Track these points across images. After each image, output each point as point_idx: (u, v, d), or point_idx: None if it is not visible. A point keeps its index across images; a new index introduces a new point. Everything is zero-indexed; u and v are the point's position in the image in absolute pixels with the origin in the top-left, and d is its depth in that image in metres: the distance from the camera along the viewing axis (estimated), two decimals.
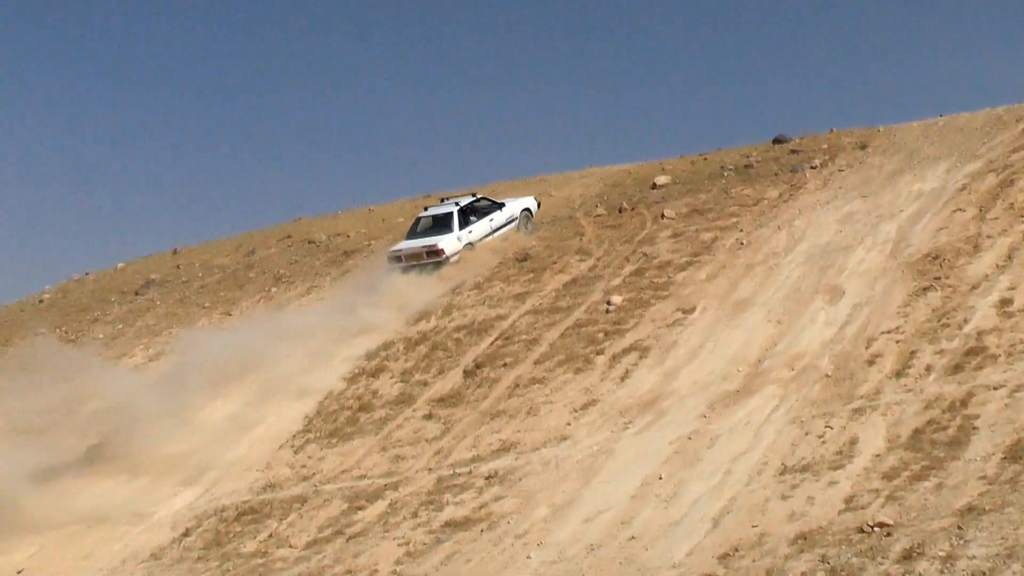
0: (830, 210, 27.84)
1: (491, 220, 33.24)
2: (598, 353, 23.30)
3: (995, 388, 17.13)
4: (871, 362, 19.42)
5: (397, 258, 32.24)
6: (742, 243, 27.22)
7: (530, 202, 35.18)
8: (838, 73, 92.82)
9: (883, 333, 20.30)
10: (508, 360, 24.22)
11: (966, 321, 19.71)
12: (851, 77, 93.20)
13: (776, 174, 32.82)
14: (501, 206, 33.89)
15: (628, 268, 27.74)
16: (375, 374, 25.74)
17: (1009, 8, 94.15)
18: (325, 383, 25.99)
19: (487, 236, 32.86)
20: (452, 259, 31.60)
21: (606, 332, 24.18)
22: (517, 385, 22.91)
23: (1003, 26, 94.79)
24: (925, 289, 21.46)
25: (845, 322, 21.37)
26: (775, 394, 19.37)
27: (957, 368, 18.29)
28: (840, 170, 31.38)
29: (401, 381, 25.02)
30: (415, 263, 31.67)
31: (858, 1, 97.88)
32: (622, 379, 21.94)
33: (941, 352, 18.99)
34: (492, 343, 25.47)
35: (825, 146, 34.72)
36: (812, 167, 32.30)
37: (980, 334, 19.10)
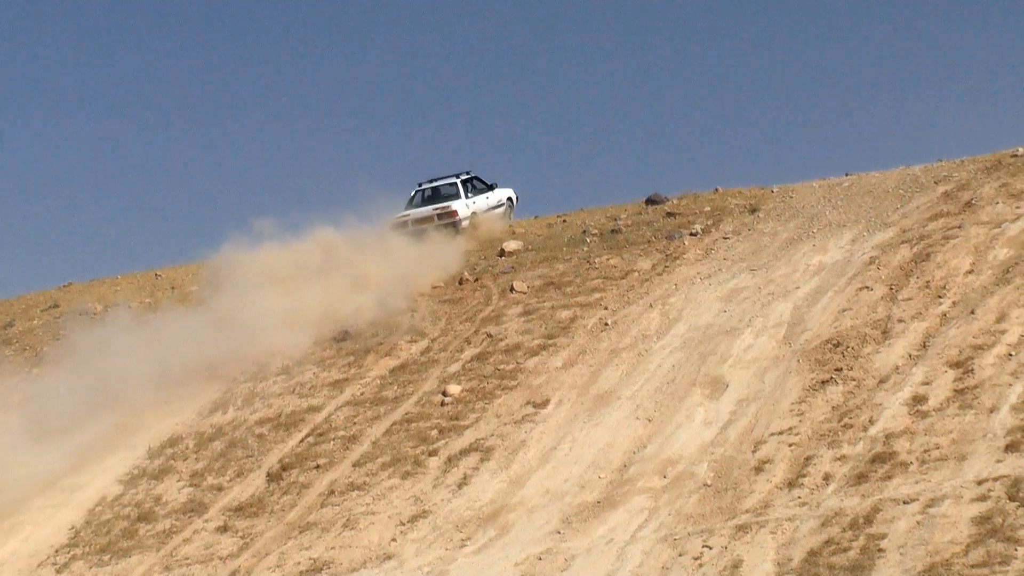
0: (713, 285, 28.19)
1: (487, 197, 39.48)
2: (431, 454, 23.27)
3: (905, 502, 17.47)
4: (759, 469, 19.68)
5: (403, 224, 37.15)
6: (606, 324, 27.46)
7: (512, 192, 41.10)
8: (726, 123, 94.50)
9: (773, 435, 20.60)
10: (321, 461, 24.08)
11: (872, 422, 20.09)
12: (742, 127, 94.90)
13: (649, 241, 33.15)
14: (493, 187, 40.02)
15: (469, 352, 27.80)
16: (159, 476, 25.41)
17: (930, 52, 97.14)
18: (96, 486, 25.56)
19: (486, 212, 38.95)
20: (463, 224, 37.53)
21: (441, 429, 24.16)
22: (332, 492, 22.77)
23: (923, 73, 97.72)
24: (824, 382, 21.84)
25: (728, 421, 21.64)
26: (643, 507, 19.52)
27: (861, 478, 18.61)
28: (725, 237, 31.79)
29: (190, 485, 24.72)
30: (423, 227, 36.97)
31: (750, 38, 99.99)
32: (459, 486, 21.93)
33: (842, 458, 19.32)
34: (302, 440, 25.31)
35: (708, 209, 35.15)
36: (692, 234, 32.72)
37: (889, 437, 19.48)
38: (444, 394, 25.56)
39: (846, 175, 35.60)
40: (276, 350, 30.41)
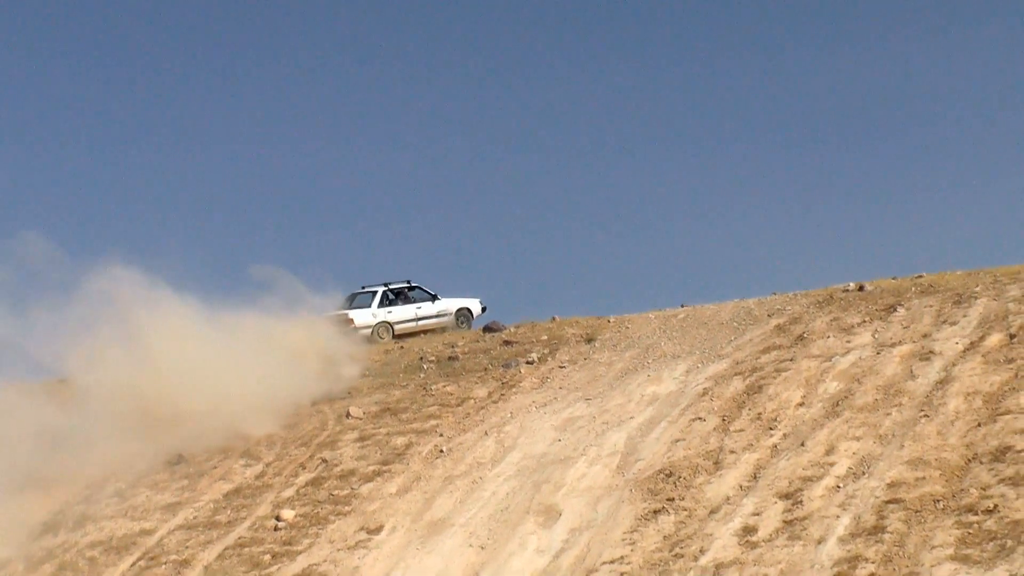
0: (548, 414, 28.40)
1: (418, 308, 42.43)
2: None
3: None
4: None
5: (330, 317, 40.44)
6: (441, 451, 27.53)
7: (471, 303, 43.86)
8: (564, 253, 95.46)
9: (605, 563, 20.77)
10: None
11: (703, 551, 20.35)
12: (580, 257, 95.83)
13: (485, 369, 33.39)
14: (433, 298, 42.88)
15: (303, 477, 27.70)
16: None
17: (766, 187, 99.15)
18: None
19: (409, 322, 41.98)
20: (363, 332, 40.73)
21: (274, 554, 24.02)
22: None
23: (759, 207, 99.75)
24: (656, 512, 22.09)
25: (561, 549, 21.77)
26: None
27: None
28: (562, 366, 32.11)
29: None
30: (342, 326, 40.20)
31: (588, 164, 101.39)
32: None
33: None
34: (133, 564, 25.01)
35: (545, 337, 35.51)
36: (528, 362, 33.00)
37: (719, 567, 19.74)
38: (278, 519, 25.43)
39: (682, 306, 36.20)
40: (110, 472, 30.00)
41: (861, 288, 32.65)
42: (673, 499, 22.39)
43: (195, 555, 24.67)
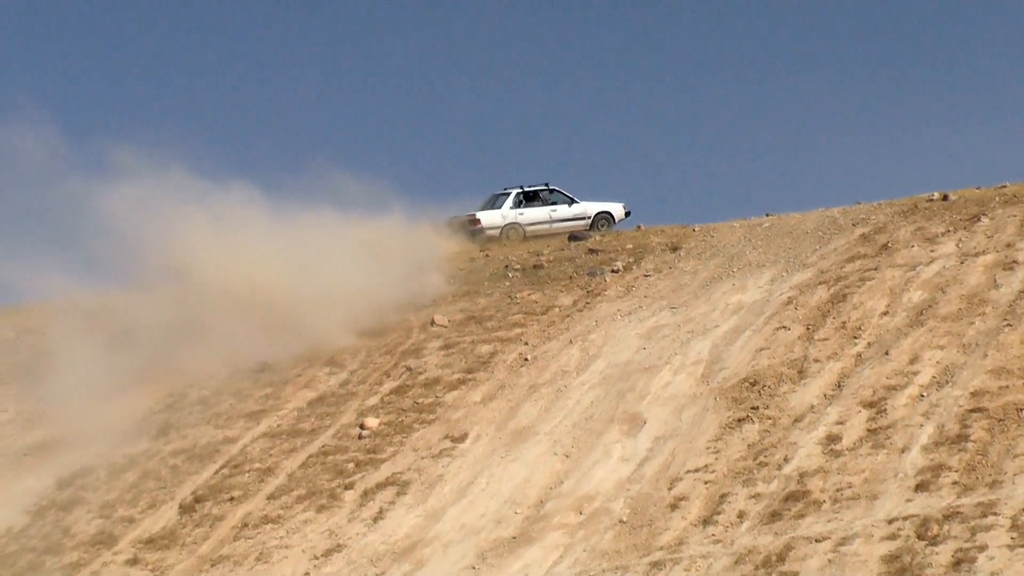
0: (633, 323, 28.39)
1: (553, 210, 42.83)
2: (347, 488, 23.31)
3: (818, 540, 17.72)
4: (674, 507, 19.88)
5: (451, 222, 41.89)
6: (526, 359, 27.58)
7: (613, 207, 43.85)
8: (649, 161, 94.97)
9: (689, 472, 20.81)
10: (236, 494, 24.05)
11: (787, 460, 20.36)
12: (665, 166, 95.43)
13: (571, 277, 33.31)
14: (572, 201, 43.17)
15: (388, 385, 27.84)
16: (67, 507, 25.24)
17: (850, 97, 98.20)
18: (1, 517, 25.35)
19: (542, 224, 42.38)
20: (489, 232, 41.51)
21: (358, 462, 24.21)
22: (246, 525, 22.76)
23: (843, 117, 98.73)
24: (740, 421, 22.10)
25: (645, 458, 21.84)
26: (559, 543, 19.66)
27: (775, 516, 18.87)
28: (647, 275, 32.01)
29: (100, 516, 24.58)
30: (461, 230, 41.54)
31: (672, 80, 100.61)
32: (375, 520, 21.99)
33: (757, 496, 19.57)
34: (217, 472, 25.25)
35: (630, 246, 35.36)
36: (613, 271, 32.92)
37: (802, 476, 19.75)
38: (362, 427, 25.59)
39: (766, 216, 35.95)
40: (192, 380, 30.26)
41: (945, 198, 32.29)
42: (757, 408, 22.39)
43: (278, 463, 24.89)
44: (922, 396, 21.21)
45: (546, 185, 43.63)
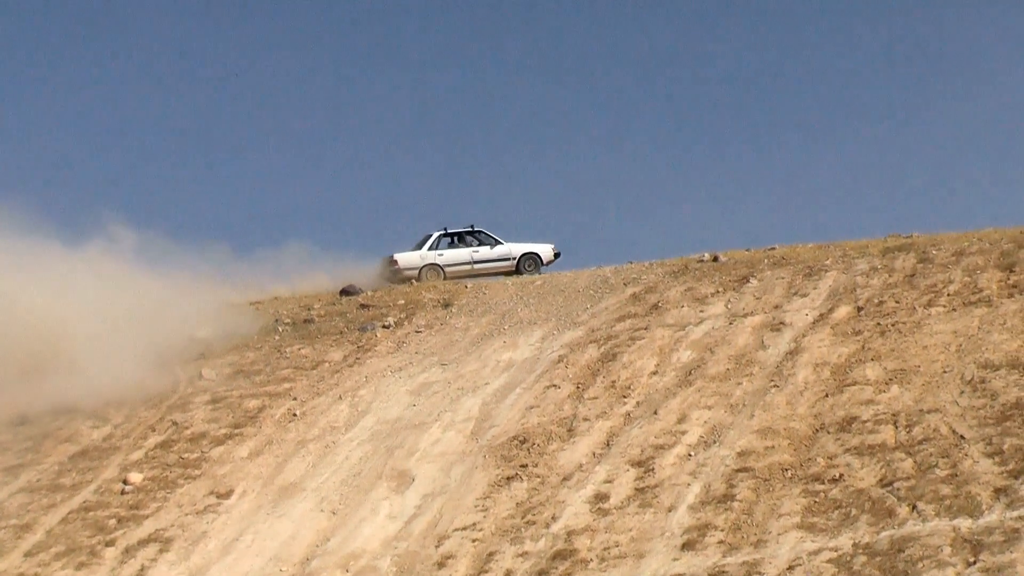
0: (403, 379, 28.40)
1: (474, 251, 42.61)
2: (108, 544, 22.87)
3: None
4: (441, 564, 19.88)
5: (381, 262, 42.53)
6: (295, 414, 27.41)
7: (541, 248, 43.35)
8: (421, 215, 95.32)
9: (457, 530, 20.82)
10: None
11: (555, 518, 20.48)
12: (437, 220, 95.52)
13: (341, 332, 33.23)
14: (496, 243, 42.96)
15: (153, 439, 27.41)
16: None
17: (622, 160, 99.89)
18: None
19: (463, 265, 42.23)
20: (407, 272, 41.19)
21: (120, 518, 23.77)
22: None
23: (613, 178, 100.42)
24: (509, 479, 22.19)
25: (413, 515, 21.81)
26: None
27: (542, 574, 18.99)
28: (418, 331, 32.08)
29: None
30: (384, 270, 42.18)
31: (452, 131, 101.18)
32: None
33: (524, 555, 19.65)
34: None
35: (402, 302, 35.47)
36: (385, 326, 32.93)
37: (570, 534, 19.88)
38: (125, 482, 25.16)
39: (539, 273, 36.36)
40: None
41: (715, 259, 33.02)
42: (526, 466, 22.50)
43: (37, 519, 24.31)
44: (689, 455, 21.53)
45: (471, 227, 43.53)
